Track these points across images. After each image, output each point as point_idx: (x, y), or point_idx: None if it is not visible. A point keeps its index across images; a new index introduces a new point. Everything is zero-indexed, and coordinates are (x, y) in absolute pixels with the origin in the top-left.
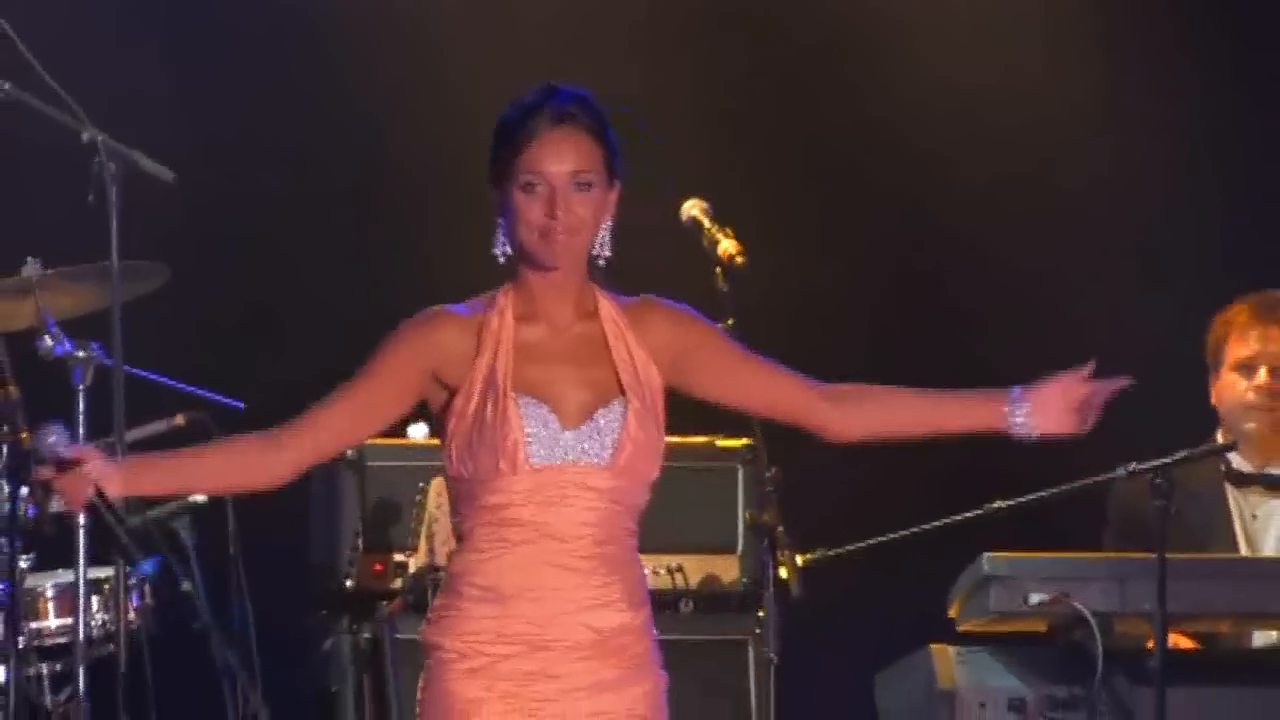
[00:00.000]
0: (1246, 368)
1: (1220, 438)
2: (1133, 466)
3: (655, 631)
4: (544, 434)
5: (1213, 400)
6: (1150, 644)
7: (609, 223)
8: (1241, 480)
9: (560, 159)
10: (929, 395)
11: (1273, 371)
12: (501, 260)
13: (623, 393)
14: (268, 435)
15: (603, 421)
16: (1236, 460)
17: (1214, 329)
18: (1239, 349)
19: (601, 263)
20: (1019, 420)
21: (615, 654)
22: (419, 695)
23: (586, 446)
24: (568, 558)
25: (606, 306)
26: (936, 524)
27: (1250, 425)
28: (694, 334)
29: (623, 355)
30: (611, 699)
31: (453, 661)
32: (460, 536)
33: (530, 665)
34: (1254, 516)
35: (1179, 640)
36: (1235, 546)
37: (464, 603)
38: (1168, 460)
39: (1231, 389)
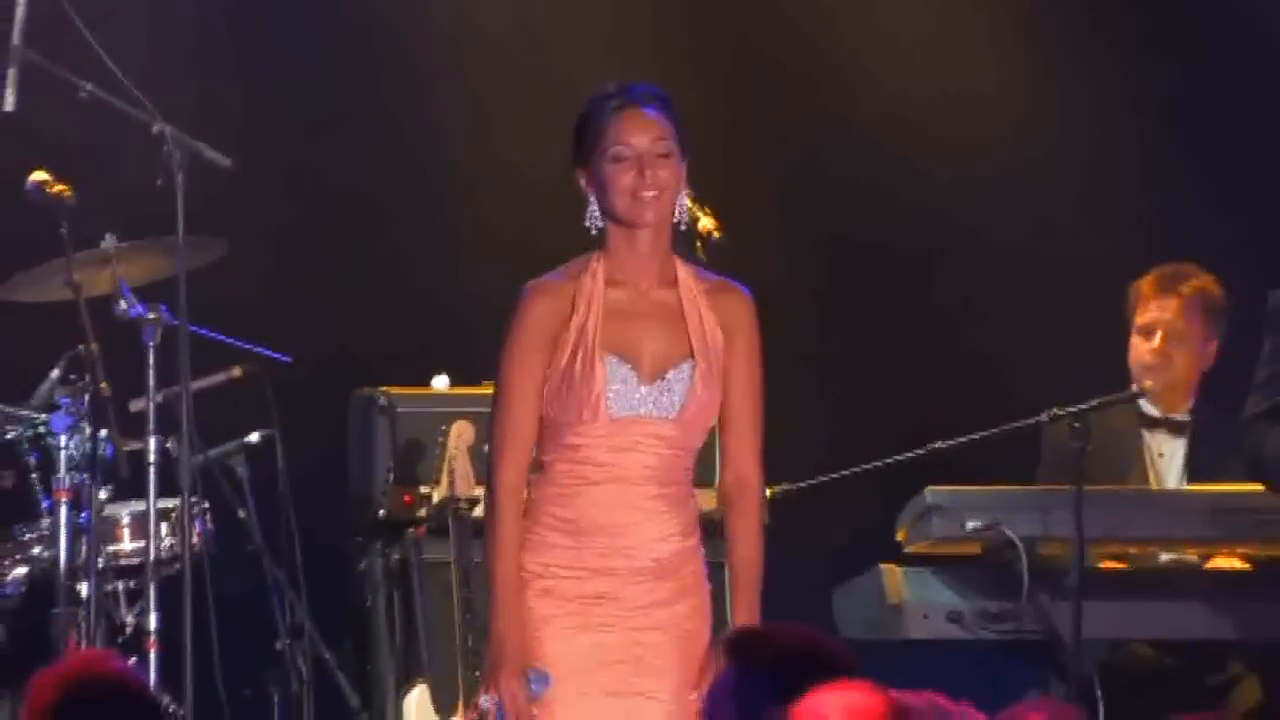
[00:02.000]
0: (1146, 331)
1: (1135, 388)
2: (1054, 411)
3: (703, 553)
4: (623, 389)
5: (1129, 356)
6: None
7: (684, 192)
8: (1152, 424)
9: (643, 131)
10: (741, 550)
11: (1165, 337)
12: (594, 232)
13: (692, 355)
14: (520, 497)
15: (673, 379)
16: (1147, 406)
17: (1129, 296)
18: (1141, 315)
19: (683, 228)
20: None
21: (670, 575)
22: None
23: (658, 401)
24: (637, 498)
25: (685, 275)
26: (886, 461)
27: (1148, 383)
28: (741, 346)
29: (695, 321)
30: (664, 614)
31: (529, 580)
32: (539, 467)
33: (596, 589)
34: (1160, 455)
35: (1114, 563)
36: (1147, 479)
37: (543, 530)
38: (1084, 406)
39: (1135, 350)
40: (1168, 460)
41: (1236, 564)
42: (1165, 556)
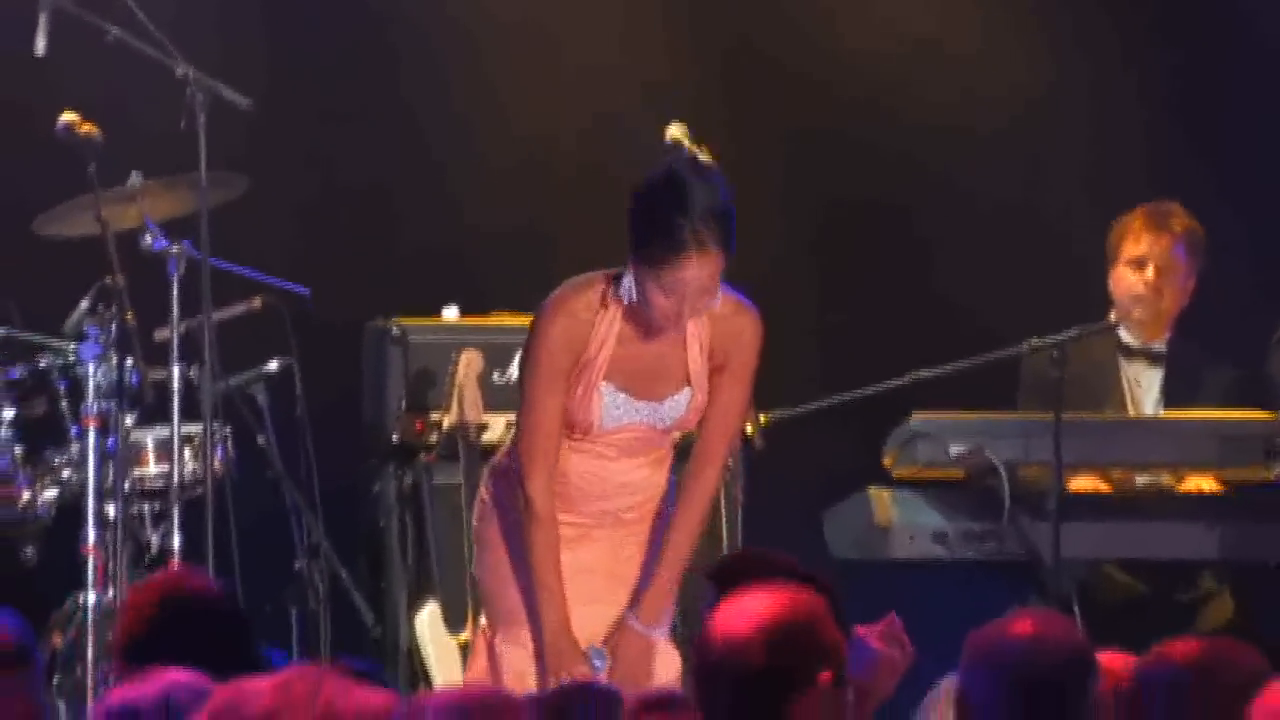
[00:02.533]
0: (1138, 264)
1: (1112, 318)
2: (1035, 341)
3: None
4: (616, 410)
5: (1110, 288)
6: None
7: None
8: (1130, 354)
9: (698, 274)
10: (675, 536)
11: (1158, 270)
12: (627, 303)
13: (689, 383)
14: (551, 507)
15: (669, 405)
16: (1126, 337)
17: (1114, 229)
18: (1132, 248)
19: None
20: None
21: (643, 507)
22: (477, 526)
23: (650, 416)
24: (625, 472)
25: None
26: (874, 389)
27: (1135, 313)
28: (736, 366)
29: (694, 353)
30: (638, 530)
31: (512, 500)
32: None
33: (575, 533)
34: (1138, 383)
35: (1096, 484)
36: (1124, 407)
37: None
38: (1063, 336)
39: (1124, 280)
40: (1145, 389)
41: (1208, 486)
42: (1141, 480)
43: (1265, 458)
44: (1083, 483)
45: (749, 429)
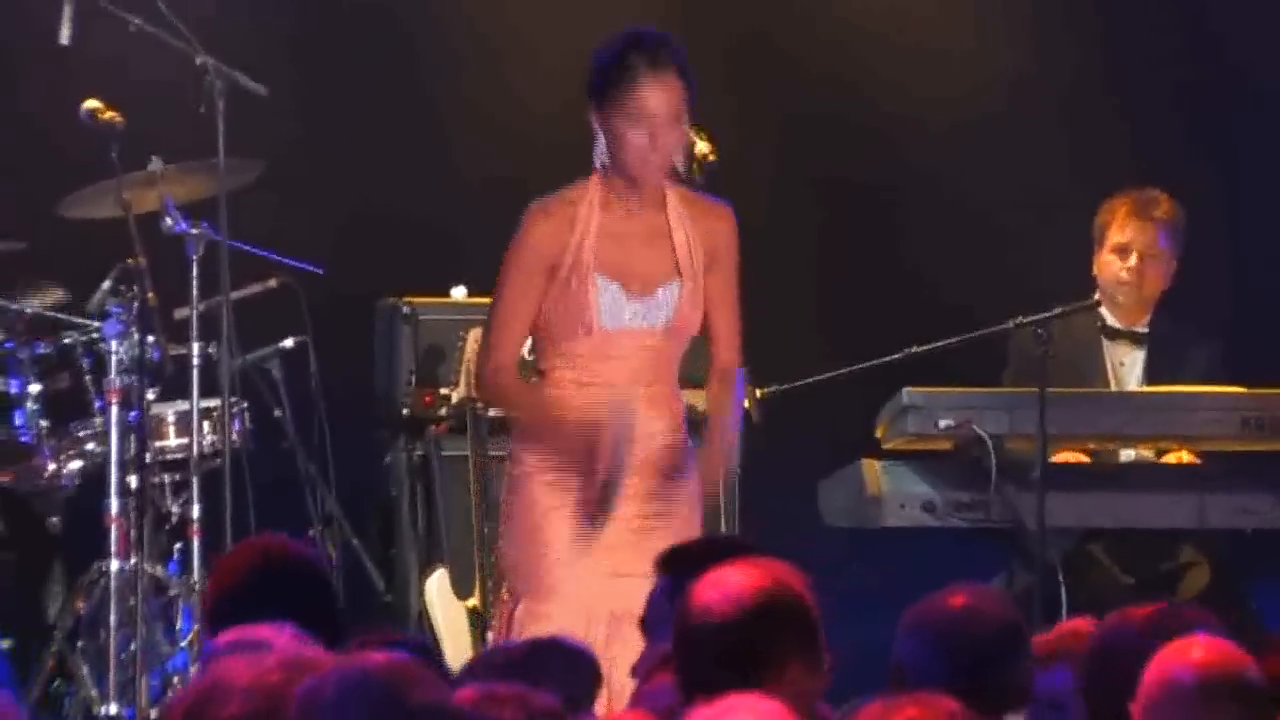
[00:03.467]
0: (1122, 251)
1: (1096, 298)
2: (1019, 319)
3: (690, 446)
4: (613, 306)
5: (1094, 271)
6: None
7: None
8: (1114, 334)
9: (664, 97)
10: (717, 405)
11: (1141, 257)
12: (598, 168)
13: (679, 274)
14: (509, 373)
15: (661, 296)
16: (1109, 318)
17: (1100, 215)
18: (1117, 235)
19: (679, 170)
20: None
21: (663, 468)
22: (502, 501)
23: (646, 315)
24: (628, 399)
25: (673, 198)
26: (866, 364)
27: (1120, 297)
28: (724, 263)
29: (681, 241)
30: (660, 504)
31: (533, 473)
32: (538, 375)
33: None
34: (1121, 363)
35: (1079, 456)
36: (1108, 386)
37: (547, 429)
38: (1046, 315)
39: (1109, 266)
40: (1128, 368)
41: (1186, 458)
42: (1125, 454)
43: (1242, 429)
44: (1066, 454)
45: (747, 403)
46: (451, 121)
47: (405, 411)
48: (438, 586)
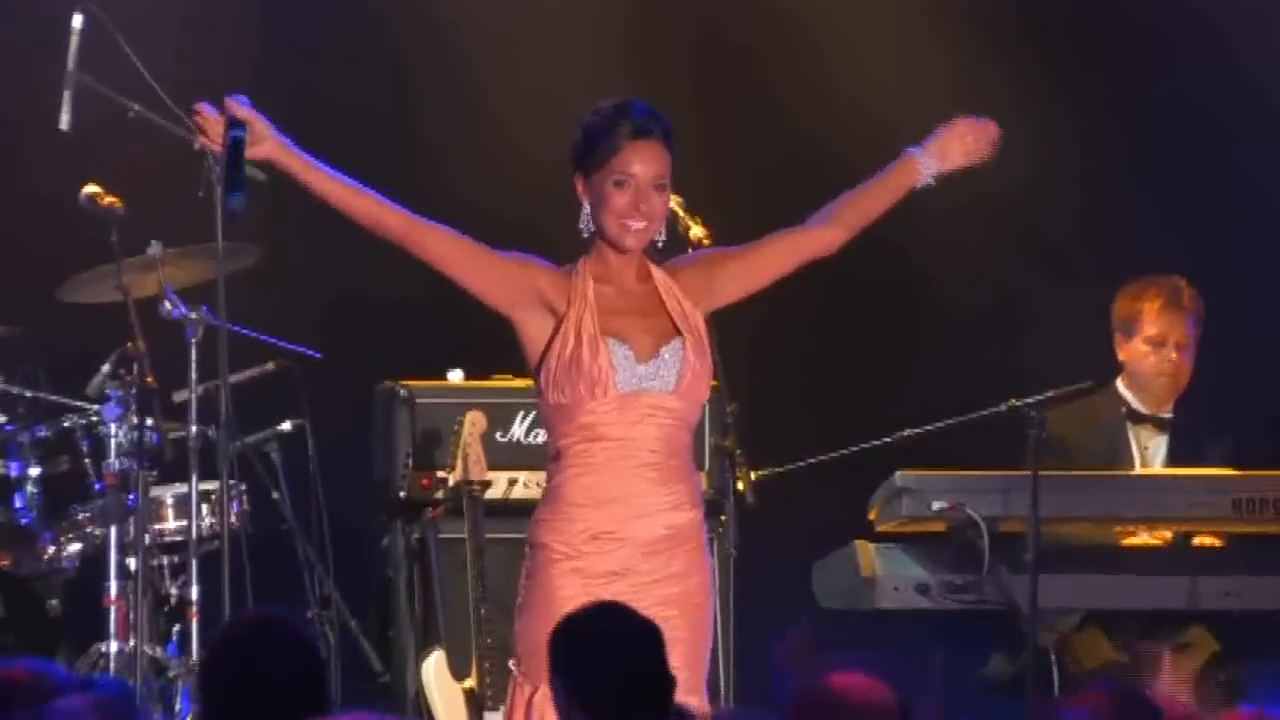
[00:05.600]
0: (1158, 343)
1: (1120, 384)
2: (1012, 402)
3: (706, 529)
4: (625, 366)
5: (1121, 358)
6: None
7: (673, 203)
8: (1138, 419)
9: (647, 163)
10: (869, 186)
11: (1179, 347)
12: (585, 235)
13: (679, 332)
14: (393, 205)
15: (668, 356)
16: (1135, 403)
17: (1124, 303)
18: (1152, 327)
19: (659, 244)
20: (928, 168)
21: (681, 546)
22: (522, 584)
23: (657, 375)
24: (646, 469)
25: (655, 270)
26: (860, 447)
27: (1157, 388)
28: (712, 261)
29: (674, 304)
30: (677, 590)
31: (558, 560)
32: (556, 455)
33: (613, 564)
34: (1146, 447)
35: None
36: (1133, 468)
37: (567, 506)
38: (1040, 397)
39: (1146, 358)
40: (1152, 452)
41: (1209, 540)
42: (1117, 533)
43: (1233, 511)
44: (1060, 535)
45: (740, 485)
46: (448, 207)
47: (402, 494)
48: (435, 668)
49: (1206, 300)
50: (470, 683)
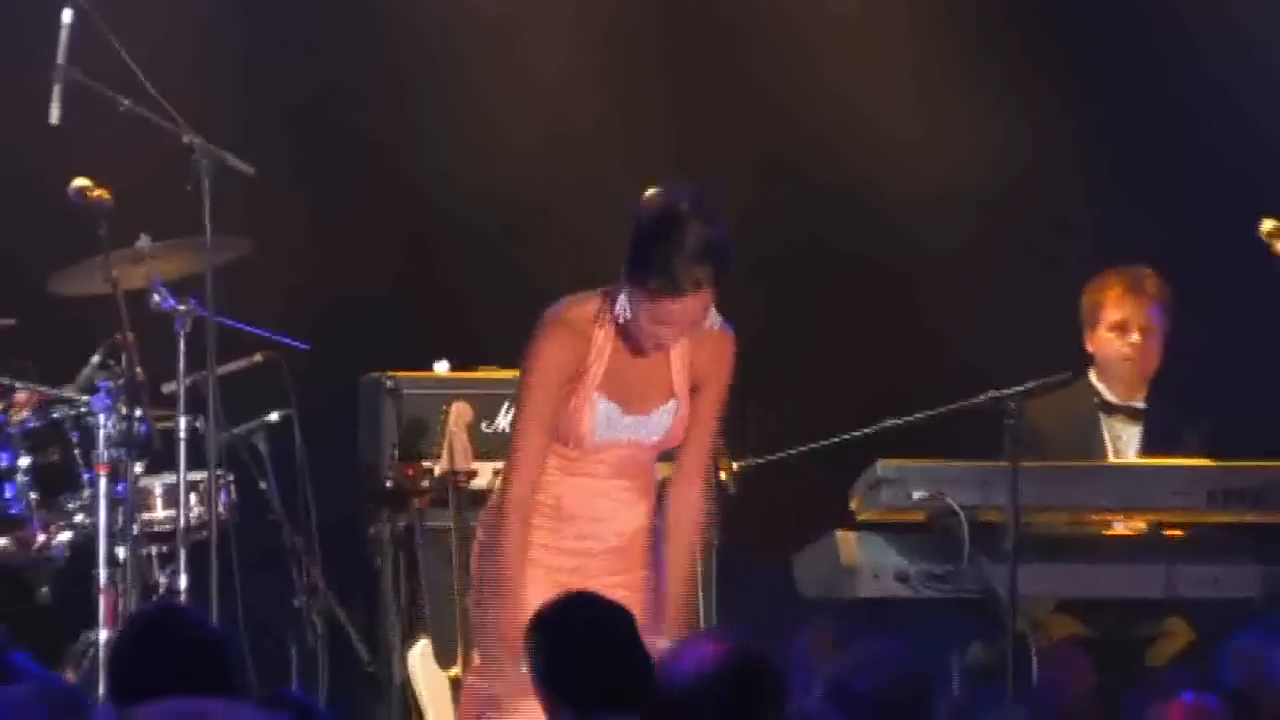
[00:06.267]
0: (1121, 328)
1: (1093, 376)
2: (993, 393)
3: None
4: (608, 421)
5: (1089, 348)
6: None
7: None
8: (1110, 409)
9: (690, 309)
10: (674, 571)
11: (1142, 332)
12: (621, 321)
13: (674, 395)
14: (527, 511)
15: (656, 417)
16: (1107, 393)
17: (1089, 294)
18: (1114, 313)
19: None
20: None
21: (630, 550)
22: (475, 563)
23: (638, 430)
24: (612, 490)
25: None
26: (841, 438)
27: (1123, 373)
28: (714, 386)
29: (678, 367)
30: (625, 578)
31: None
32: None
33: (569, 564)
34: (1118, 438)
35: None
36: (1106, 459)
37: (533, 515)
38: (1020, 389)
39: (1110, 344)
40: (1125, 443)
41: (1156, 528)
42: (1094, 522)
43: (1209, 501)
44: (1038, 525)
45: (723, 474)
46: (435, 199)
47: (388, 484)
48: (420, 656)
49: (1185, 291)
50: (455, 671)
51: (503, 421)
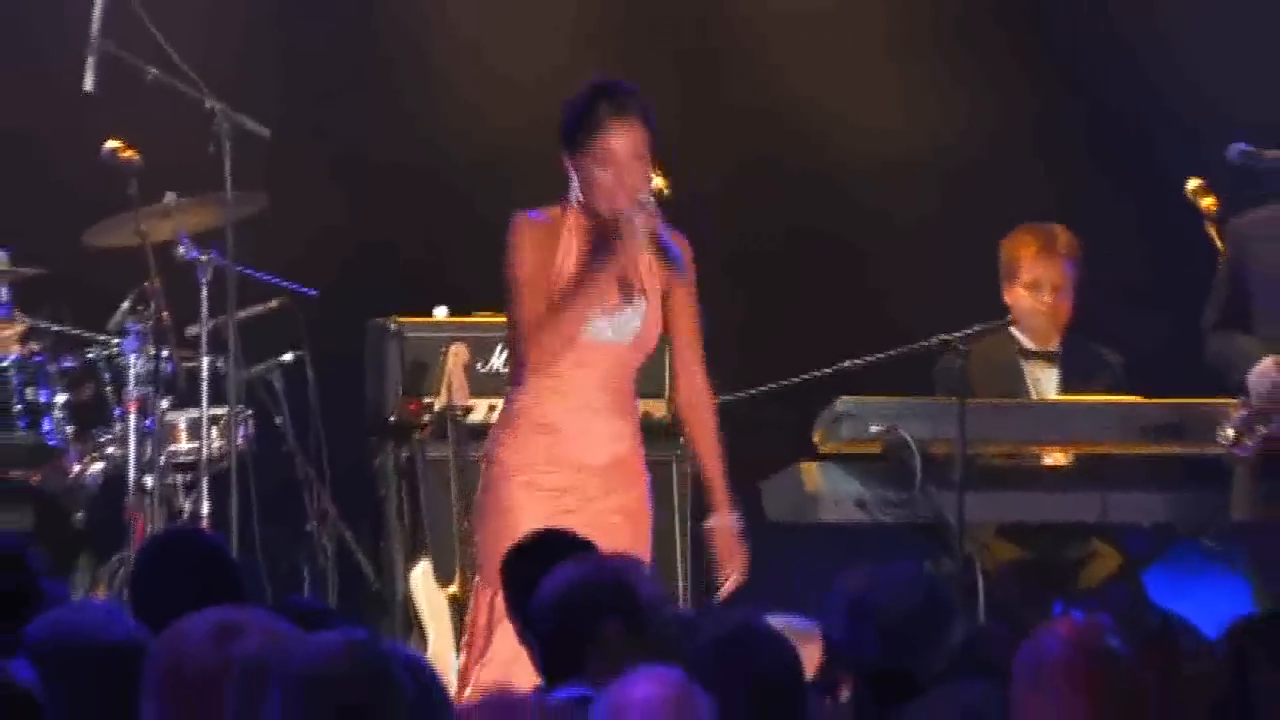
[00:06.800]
0: (1034, 287)
1: (1012, 325)
2: (942, 337)
3: (643, 451)
4: (592, 321)
5: (1007, 300)
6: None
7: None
8: (1029, 355)
9: (627, 139)
10: (704, 450)
11: (1053, 289)
12: (573, 205)
13: (644, 293)
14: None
15: (629, 313)
16: (1025, 341)
17: (1006, 250)
18: (1028, 273)
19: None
20: (711, 523)
21: (621, 468)
22: (478, 498)
23: (617, 330)
24: (594, 404)
25: (633, 230)
26: (805, 377)
27: (1036, 325)
28: (684, 287)
29: (645, 264)
30: (618, 501)
31: (513, 475)
32: (517, 380)
33: (565, 481)
34: (1038, 380)
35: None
36: (1029, 399)
37: (523, 434)
38: (964, 333)
39: (1024, 300)
40: (1044, 384)
41: (1085, 457)
42: (1033, 454)
43: (1141, 435)
44: (984, 456)
45: None
46: (436, 155)
47: (392, 419)
48: (421, 575)
49: (1099, 244)
50: (454, 589)
51: (496, 362)
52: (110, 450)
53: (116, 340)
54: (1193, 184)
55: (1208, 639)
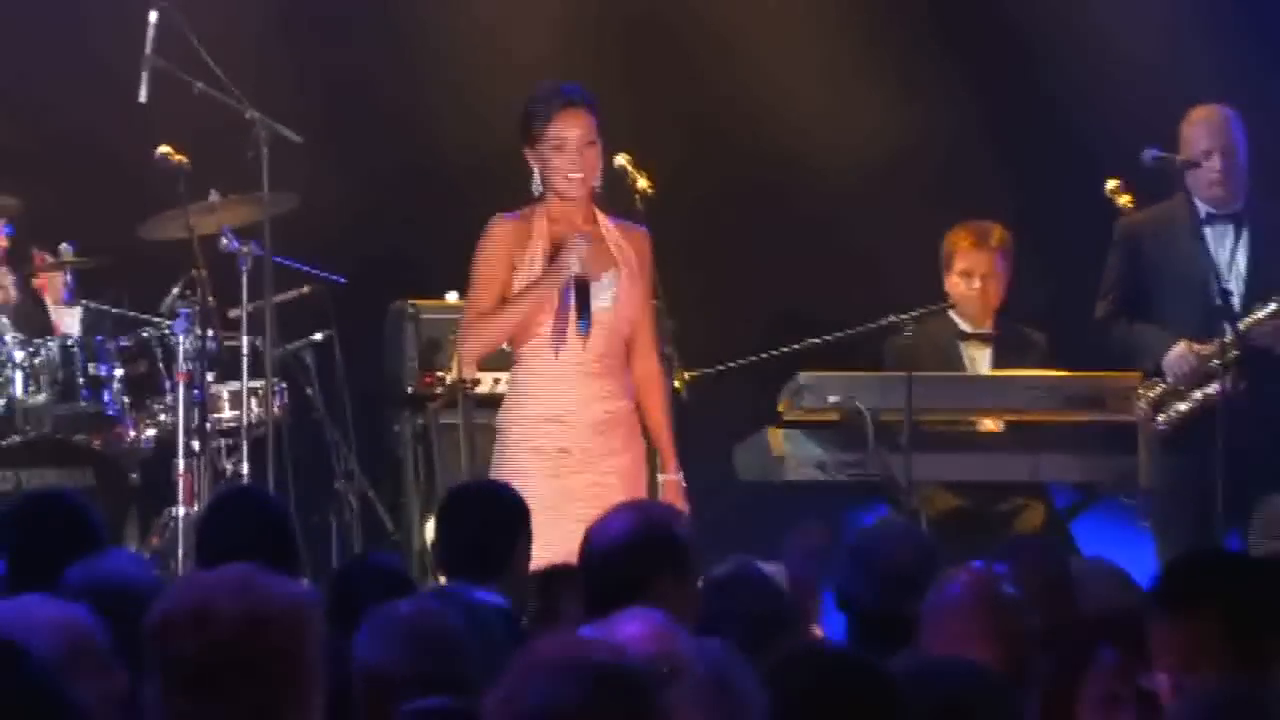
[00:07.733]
0: (966, 275)
1: (950, 309)
2: (891, 318)
3: (637, 415)
4: (530, 333)
5: (946, 287)
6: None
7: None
8: (965, 336)
9: (576, 125)
10: (655, 422)
11: (983, 279)
12: (536, 195)
13: (616, 265)
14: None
15: (607, 280)
16: (962, 324)
17: (947, 243)
18: (962, 263)
19: (598, 189)
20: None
21: (617, 428)
22: (494, 463)
23: (598, 297)
24: (589, 367)
25: (602, 218)
26: (773, 353)
27: (969, 310)
28: (642, 280)
29: (614, 243)
30: (616, 462)
31: (520, 442)
32: (518, 357)
33: (565, 441)
34: (973, 358)
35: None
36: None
37: (524, 398)
38: (911, 315)
39: (958, 287)
40: (979, 361)
41: (1017, 425)
42: (971, 421)
43: (1065, 404)
44: (929, 424)
45: (677, 384)
46: (446, 159)
47: (410, 390)
48: (435, 529)
49: (1032, 235)
50: None
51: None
52: (162, 418)
53: (168, 322)
54: (1111, 184)
55: (1130, 579)
